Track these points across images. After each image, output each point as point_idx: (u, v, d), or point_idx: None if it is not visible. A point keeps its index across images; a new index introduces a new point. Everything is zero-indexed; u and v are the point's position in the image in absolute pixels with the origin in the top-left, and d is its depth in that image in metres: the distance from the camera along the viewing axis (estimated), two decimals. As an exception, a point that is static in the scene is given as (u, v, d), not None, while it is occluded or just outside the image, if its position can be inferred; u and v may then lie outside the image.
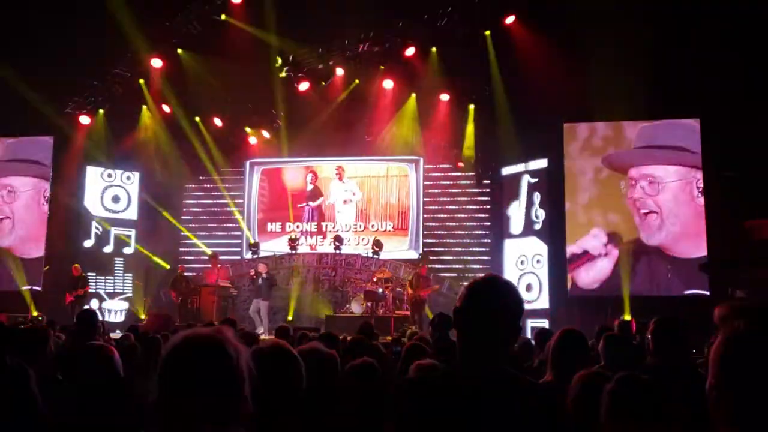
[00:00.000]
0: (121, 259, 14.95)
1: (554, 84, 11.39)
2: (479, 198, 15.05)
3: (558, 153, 13.12)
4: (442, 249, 14.96)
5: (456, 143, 14.65)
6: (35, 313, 12.59)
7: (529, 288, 13.48)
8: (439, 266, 14.45)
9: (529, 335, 13.01)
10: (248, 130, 15.58)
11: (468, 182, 15.14)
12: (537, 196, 13.63)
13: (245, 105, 14.70)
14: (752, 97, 10.34)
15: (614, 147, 12.91)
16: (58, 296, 12.96)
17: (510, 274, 13.67)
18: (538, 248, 13.51)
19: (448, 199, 15.28)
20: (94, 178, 14.99)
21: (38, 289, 13.63)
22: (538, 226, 13.56)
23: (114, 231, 14.98)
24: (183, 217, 16.10)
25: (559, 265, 12.85)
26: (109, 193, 15.13)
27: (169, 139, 15.09)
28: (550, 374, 3.43)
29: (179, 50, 13.79)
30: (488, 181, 14.86)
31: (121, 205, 15.23)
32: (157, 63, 13.61)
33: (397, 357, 4.40)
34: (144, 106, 14.77)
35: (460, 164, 15.01)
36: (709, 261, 11.68)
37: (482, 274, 1.98)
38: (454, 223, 15.11)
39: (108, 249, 14.83)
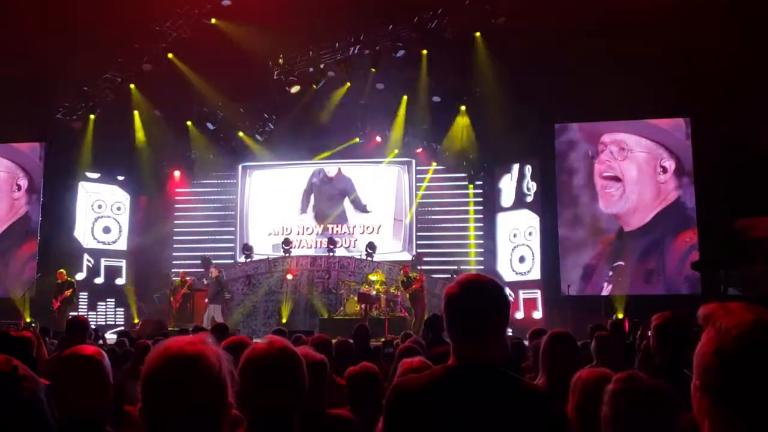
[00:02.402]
0: (113, 291, 14.68)
1: (545, 85, 11.45)
2: (471, 198, 15.09)
3: (549, 154, 13.22)
4: (436, 250, 14.97)
5: (447, 144, 14.66)
6: (28, 320, 12.52)
7: (522, 260, 13.70)
8: (434, 267, 14.46)
9: (521, 306, 13.28)
10: (240, 134, 15.55)
11: (460, 183, 15.17)
12: (528, 169, 13.83)
13: (237, 109, 14.66)
14: (742, 96, 10.39)
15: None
16: (47, 304, 12.84)
17: (503, 247, 13.97)
18: (530, 220, 13.68)
19: (441, 200, 15.29)
20: (85, 210, 14.82)
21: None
22: (529, 199, 13.75)
23: (105, 262, 14.82)
24: (176, 222, 16.05)
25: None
26: (100, 224, 15.04)
27: (161, 143, 15.04)
28: (542, 377, 3.44)
29: (170, 54, 13.75)
30: (480, 182, 14.89)
31: (112, 236, 15.14)
32: (147, 67, 13.57)
33: (390, 358, 4.39)
34: (135, 111, 14.67)
35: (452, 165, 15.07)
36: (701, 260, 11.74)
37: (468, 274, 1.96)
38: (446, 224, 15.13)
39: (99, 280, 14.68)
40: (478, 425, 1.71)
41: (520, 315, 13.41)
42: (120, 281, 14.87)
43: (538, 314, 13.23)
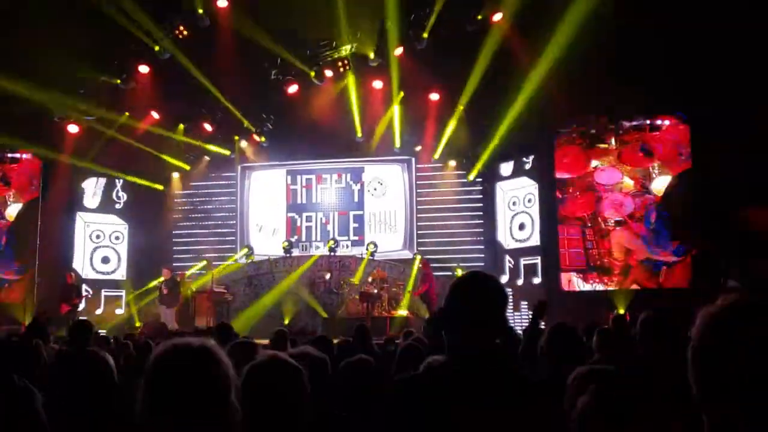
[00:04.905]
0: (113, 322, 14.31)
1: (542, 84, 11.45)
2: (470, 197, 15.10)
3: (548, 153, 13.25)
4: (436, 248, 14.99)
5: (446, 142, 14.67)
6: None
7: (522, 227, 13.87)
8: (434, 265, 14.46)
9: (522, 273, 13.36)
10: (237, 138, 15.54)
11: (459, 181, 15.18)
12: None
13: (234, 109, 14.66)
14: (739, 87, 10.38)
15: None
16: (53, 307, 12.84)
17: (503, 216, 14.17)
18: (529, 188, 13.82)
19: (440, 198, 15.30)
20: (81, 238, 14.78)
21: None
22: (527, 166, 13.88)
23: (105, 293, 14.73)
24: (176, 224, 16.05)
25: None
26: (99, 254, 15.00)
27: (159, 145, 15.03)
28: (545, 370, 3.46)
29: (166, 56, 13.71)
30: (480, 179, 14.90)
31: (111, 266, 15.09)
32: (144, 69, 13.57)
33: (391, 357, 4.40)
34: (131, 113, 14.60)
35: (452, 163, 15.08)
36: (701, 252, 11.74)
37: (468, 272, 2.00)
38: (446, 222, 15.13)
39: (99, 311, 14.51)
40: (478, 417, 1.72)
41: (520, 281, 13.55)
42: (119, 311, 14.72)
43: (537, 279, 13.30)
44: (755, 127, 10.06)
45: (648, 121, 12.63)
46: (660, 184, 12.41)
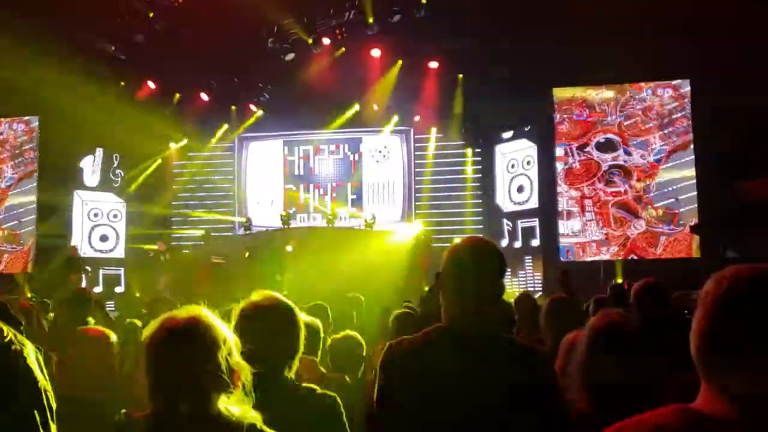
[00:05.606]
0: (112, 302, 14.31)
1: (544, 48, 11.29)
2: (470, 167, 15.02)
3: (548, 120, 13.14)
4: (435, 219, 14.95)
5: (445, 112, 14.54)
6: (29, 295, 12.53)
7: (520, 189, 13.83)
8: (434, 236, 14.45)
9: (520, 235, 13.37)
10: (233, 108, 15.38)
11: (458, 151, 15.09)
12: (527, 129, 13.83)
13: (231, 79, 14.47)
14: (743, 56, 10.27)
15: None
16: (52, 278, 12.85)
17: (501, 179, 14.10)
18: (528, 150, 13.74)
19: (439, 168, 15.22)
20: (79, 217, 14.69)
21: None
22: (527, 128, 13.81)
23: (103, 272, 14.68)
24: (174, 196, 15.99)
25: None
26: (97, 232, 14.92)
27: (155, 115, 14.88)
28: (544, 341, 3.46)
29: (162, 24, 13.49)
30: (479, 149, 14.81)
31: (110, 244, 15.02)
32: (139, 38, 13.36)
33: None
34: (126, 83, 14.43)
35: (450, 134, 14.97)
36: (700, 222, 11.74)
37: (469, 237, 1.96)
38: (445, 193, 15.08)
39: (98, 290, 14.40)
40: (469, 383, 1.70)
41: (518, 244, 13.56)
42: (119, 289, 14.69)
43: (535, 242, 13.33)
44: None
45: (650, 89, 12.53)
46: (659, 154, 12.36)
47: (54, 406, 1.60)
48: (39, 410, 1.58)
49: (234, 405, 1.58)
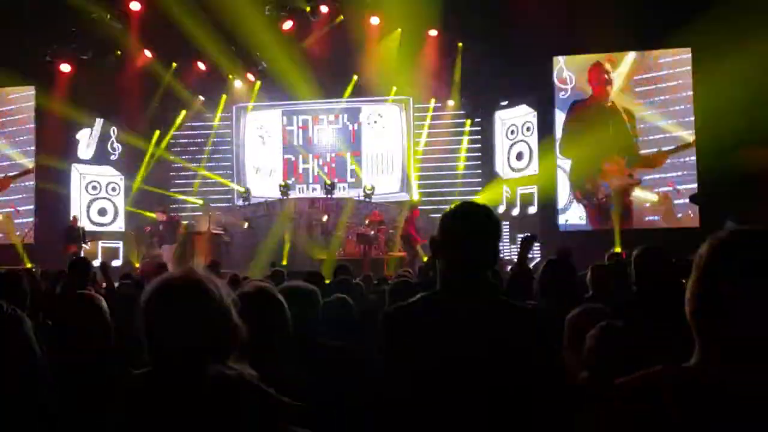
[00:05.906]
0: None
1: (544, 16, 11.15)
2: (469, 137, 14.93)
3: (548, 90, 13.02)
4: (434, 190, 14.93)
5: (445, 81, 14.40)
6: (29, 265, 12.56)
7: (519, 156, 13.77)
8: (431, 207, 14.44)
9: (518, 203, 13.48)
10: (230, 77, 15.21)
11: (458, 121, 14.99)
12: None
13: (228, 48, 14.30)
14: (744, 25, 10.13)
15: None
16: (52, 248, 12.87)
17: (500, 146, 14.05)
18: (527, 116, 13.64)
19: (438, 138, 15.13)
20: (77, 190, 14.63)
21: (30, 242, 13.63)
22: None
23: (101, 244, 14.59)
24: (172, 165, 15.93)
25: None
26: (96, 206, 14.86)
27: (152, 85, 14.75)
28: (540, 302, 3.48)
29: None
30: (479, 119, 14.71)
31: (108, 218, 14.96)
32: (135, 6, 13.19)
33: (383, 295, 4.43)
34: (122, 52, 14.25)
35: (450, 103, 14.84)
36: (699, 192, 11.72)
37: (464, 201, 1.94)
38: (444, 164, 15.03)
39: (96, 263, 14.44)
40: (466, 346, 1.70)
41: (516, 212, 13.58)
42: (117, 263, 14.54)
43: (533, 209, 13.34)
44: None
45: (651, 57, 12.42)
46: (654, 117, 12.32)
47: (49, 376, 1.59)
48: (34, 380, 1.58)
49: (233, 364, 1.57)
